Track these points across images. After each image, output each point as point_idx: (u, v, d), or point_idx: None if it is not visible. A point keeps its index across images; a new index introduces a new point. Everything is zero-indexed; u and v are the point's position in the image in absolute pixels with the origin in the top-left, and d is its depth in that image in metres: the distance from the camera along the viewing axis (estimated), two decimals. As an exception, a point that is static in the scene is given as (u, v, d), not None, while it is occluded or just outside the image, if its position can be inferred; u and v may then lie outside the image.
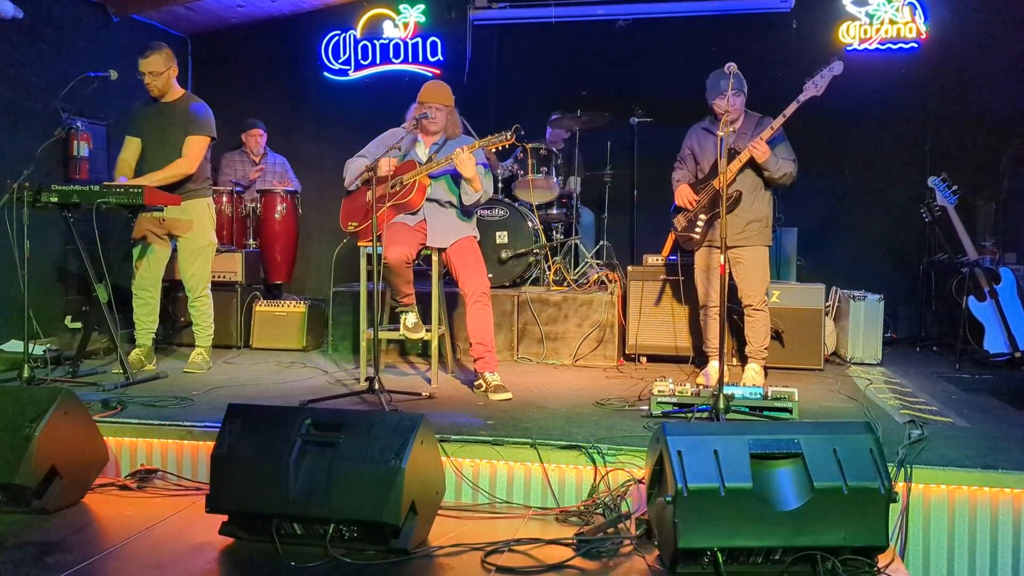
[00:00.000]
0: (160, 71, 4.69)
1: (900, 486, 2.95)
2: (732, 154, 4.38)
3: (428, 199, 4.45)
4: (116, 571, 2.66)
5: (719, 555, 2.55)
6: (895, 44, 6.59)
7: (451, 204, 4.50)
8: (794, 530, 2.56)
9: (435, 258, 4.51)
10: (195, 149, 4.78)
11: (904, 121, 6.59)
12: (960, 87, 6.49)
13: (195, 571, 2.65)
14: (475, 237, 4.56)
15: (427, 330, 4.58)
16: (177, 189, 4.73)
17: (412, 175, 4.39)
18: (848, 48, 6.58)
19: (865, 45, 6.60)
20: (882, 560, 2.62)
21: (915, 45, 6.56)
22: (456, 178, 4.40)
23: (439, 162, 4.33)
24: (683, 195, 4.58)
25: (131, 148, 4.83)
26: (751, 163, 4.38)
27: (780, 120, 4.29)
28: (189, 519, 3.08)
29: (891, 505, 2.61)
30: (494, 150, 4.37)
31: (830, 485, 2.57)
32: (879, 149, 6.67)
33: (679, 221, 4.64)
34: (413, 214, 4.45)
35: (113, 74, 4.61)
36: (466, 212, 4.53)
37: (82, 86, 4.58)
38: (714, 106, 4.43)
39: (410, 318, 4.55)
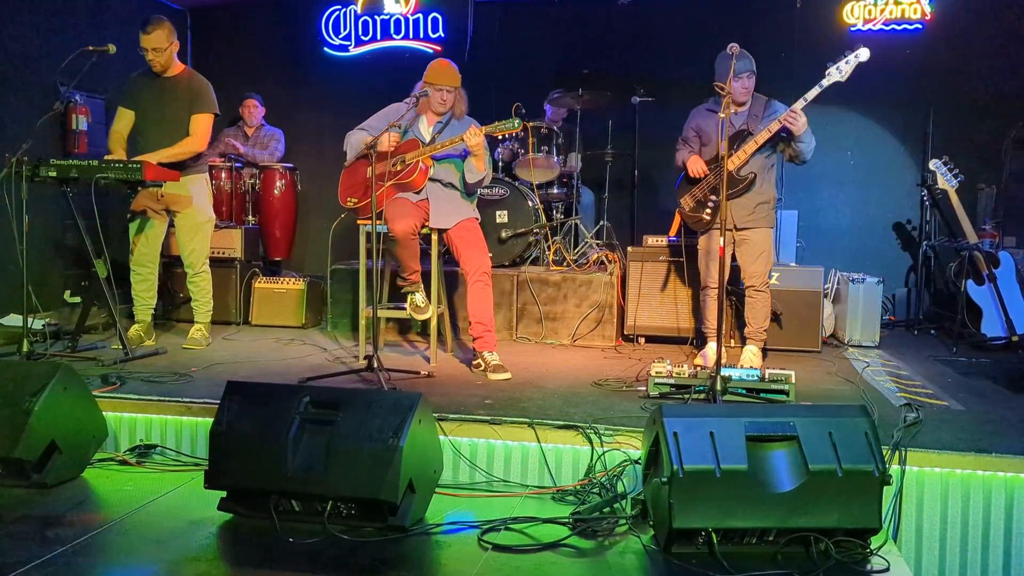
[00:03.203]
0: (163, 47, 4.65)
1: (894, 469, 2.97)
2: (745, 135, 4.36)
3: (431, 179, 4.43)
4: (115, 545, 2.68)
5: (713, 535, 2.58)
6: (899, 25, 6.54)
7: (453, 185, 4.48)
8: (788, 512, 2.58)
9: (435, 237, 4.51)
10: (203, 127, 4.76)
11: (907, 103, 6.55)
12: (964, 69, 6.45)
13: (194, 546, 2.67)
14: (477, 218, 4.56)
15: (433, 309, 4.58)
16: (176, 165, 4.71)
17: (415, 155, 4.37)
18: (852, 29, 6.53)
19: (869, 26, 6.55)
20: (875, 542, 2.64)
21: (919, 26, 6.51)
22: (459, 158, 4.39)
23: (443, 144, 4.32)
24: (695, 165, 4.52)
25: (124, 120, 4.80)
26: (767, 144, 4.34)
27: (800, 103, 4.23)
28: (188, 495, 3.11)
29: (885, 488, 2.63)
30: (499, 137, 4.35)
31: (825, 468, 2.59)
32: (881, 131, 6.64)
33: (687, 201, 4.61)
34: (416, 193, 4.44)
35: (112, 48, 4.57)
36: (468, 192, 4.52)
37: (80, 59, 4.55)
38: (716, 88, 4.41)
39: (418, 297, 4.53)
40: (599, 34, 7.01)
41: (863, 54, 4.19)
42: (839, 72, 4.21)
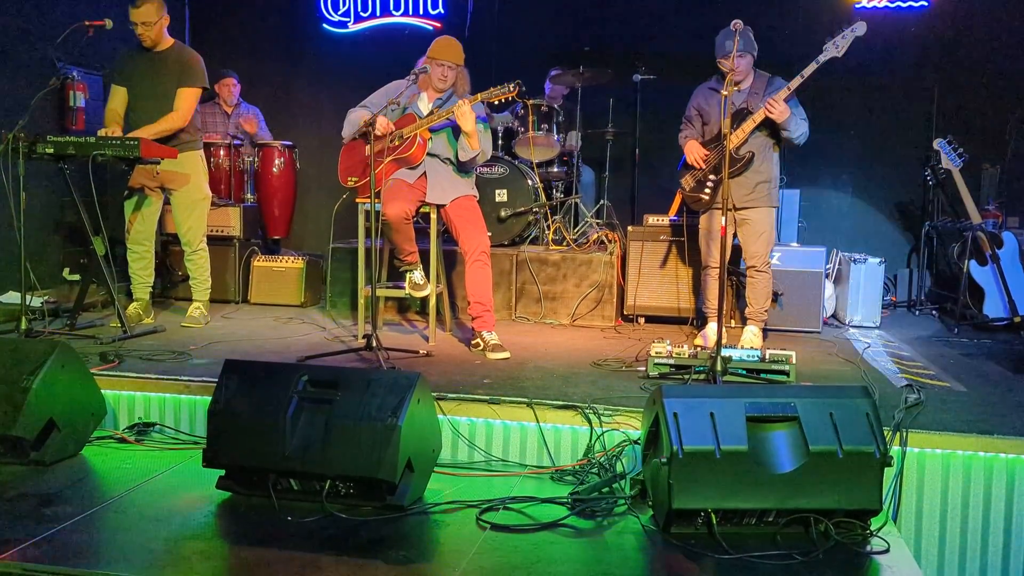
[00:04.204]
0: (153, 21, 4.61)
1: (895, 450, 2.96)
2: (745, 114, 4.32)
3: (429, 154, 4.40)
4: (114, 523, 2.68)
5: (713, 516, 2.57)
6: (904, 2, 6.47)
7: (451, 161, 4.45)
8: (788, 492, 2.57)
9: (433, 215, 4.48)
10: (188, 101, 4.72)
11: (911, 81, 6.50)
12: (969, 47, 6.40)
13: (192, 524, 2.67)
14: (475, 196, 4.53)
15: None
16: (171, 141, 4.68)
17: (412, 128, 4.34)
18: (856, 6, 6.47)
19: (874, 3, 6.48)
20: (875, 523, 2.64)
21: (925, 3, 6.45)
22: (456, 133, 4.35)
23: (440, 115, 4.28)
24: (693, 151, 4.51)
25: (119, 97, 4.77)
26: (765, 123, 4.32)
27: (797, 81, 4.20)
28: (186, 473, 3.10)
29: (886, 469, 2.62)
30: (496, 102, 4.31)
31: (825, 448, 2.58)
32: (885, 110, 6.59)
33: (687, 181, 4.59)
34: (413, 169, 4.40)
35: (109, 23, 4.53)
36: (465, 170, 4.49)
37: (77, 35, 4.51)
38: (720, 65, 4.37)
39: (416, 275, 4.51)
40: (600, 11, 6.95)
41: (860, 28, 4.14)
42: (836, 48, 4.17)
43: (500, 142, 5.98)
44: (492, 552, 2.48)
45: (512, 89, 4.11)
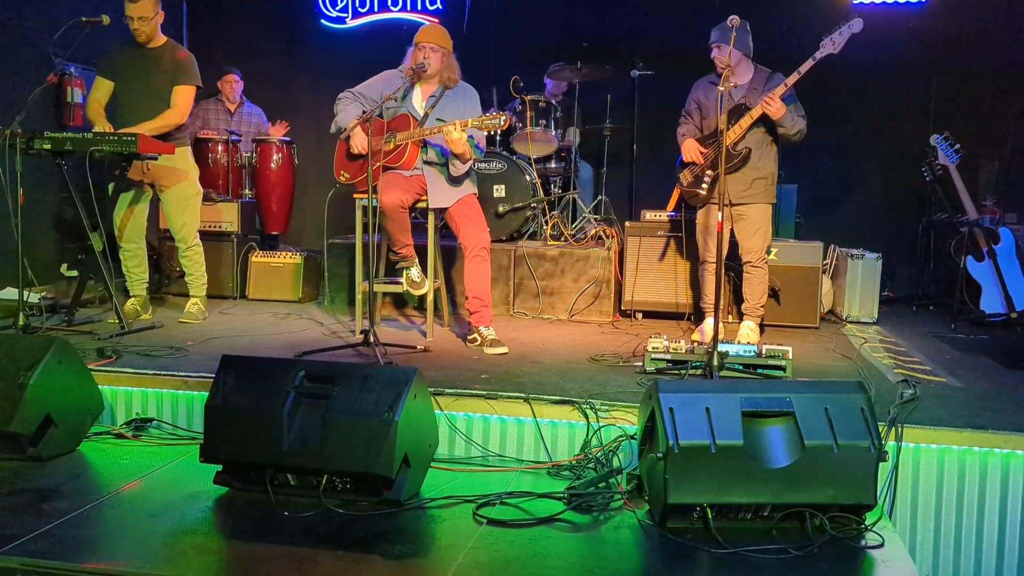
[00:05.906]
0: (149, 16, 4.60)
1: (890, 445, 2.97)
2: (743, 110, 4.33)
3: (426, 162, 4.40)
4: (111, 518, 2.69)
5: (708, 511, 2.58)
6: (902, -3, 6.47)
7: (447, 166, 4.44)
8: (783, 487, 2.58)
9: (431, 212, 4.47)
10: (185, 99, 4.71)
11: (908, 77, 6.49)
12: (966, 42, 6.38)
13: (190, 519, 2.68)
14: (475, 193, 4.52)
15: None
16: (166, 138, 4.67)
17: (405, 137, 4.32)
18: (854, 2, 6.46)
19: (872, -1, 6.48)
20: (870, 518, 2.65)
21: (922, -2, 6.45)
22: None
23: (432, 130, 4.25)
24: (690, 149, 4.52)
25: (103, 89, 4.74)
26: (762, 119, 4.32)
27: (795, 77, 4.21)
28: (184, 468, 3.11)
29: (881, 464, 2.63)
30: (487, 132, 4.29)
31: (820, 443, 2.59)
32: (882, 105, 6.59)
33: (685, 176, 4.59)
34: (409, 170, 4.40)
35: (106, 19, 4.53)
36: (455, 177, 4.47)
37: (75, 31, 4.50)
38: (713, 59, 4.37)
39: (413, 272, 4.50)
40: (598, 6, 6.94)
41: (856, 25, 4.15)
42: (832, 44, 4.17)
43: (498, 138, 5.97)
44: (489, 547, 2.49)
45: (503, 123, 4.10)
